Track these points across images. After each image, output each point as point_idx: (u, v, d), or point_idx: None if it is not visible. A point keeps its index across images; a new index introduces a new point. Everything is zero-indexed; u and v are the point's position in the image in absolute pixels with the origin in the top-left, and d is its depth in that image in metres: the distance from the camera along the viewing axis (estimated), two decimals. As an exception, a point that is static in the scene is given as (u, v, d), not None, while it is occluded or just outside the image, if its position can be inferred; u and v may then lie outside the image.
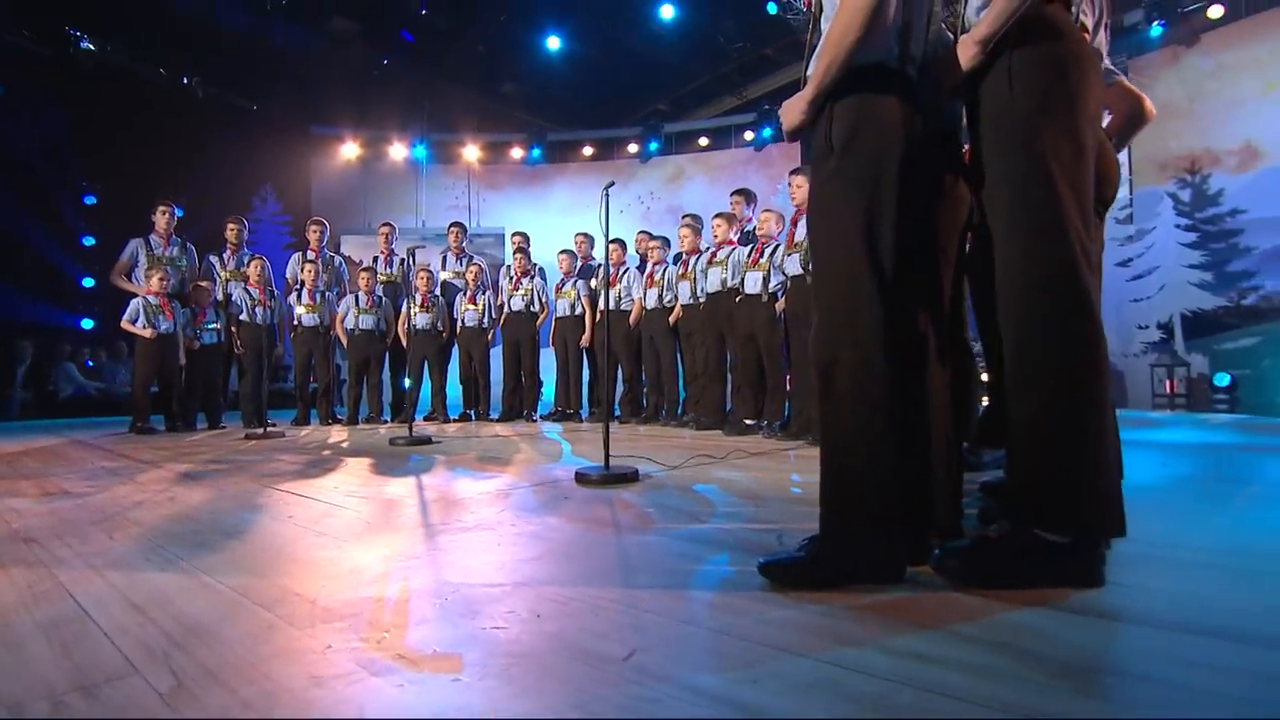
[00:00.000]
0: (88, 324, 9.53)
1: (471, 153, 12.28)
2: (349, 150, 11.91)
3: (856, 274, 1.56)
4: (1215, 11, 8.16)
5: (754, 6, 10.91)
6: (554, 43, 11.58)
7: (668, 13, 10.99)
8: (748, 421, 4.85)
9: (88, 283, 9.49)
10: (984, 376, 3.14)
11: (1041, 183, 1.52)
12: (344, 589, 1.49)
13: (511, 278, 6.66)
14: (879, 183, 1.58)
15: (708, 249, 5.48)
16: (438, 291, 6.69)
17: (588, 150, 12.42)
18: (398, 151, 12.13)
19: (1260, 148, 8.15)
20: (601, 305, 6.10)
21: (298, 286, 6.59)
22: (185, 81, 10.22)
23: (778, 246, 4.66)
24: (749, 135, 11.73)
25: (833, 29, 1.58)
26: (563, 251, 6.64)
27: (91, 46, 9.32)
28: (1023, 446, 1.54)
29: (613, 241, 6.37)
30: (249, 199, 11.05)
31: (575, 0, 10.96)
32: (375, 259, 6.91)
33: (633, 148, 12.23)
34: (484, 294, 6.59)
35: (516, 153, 12.41)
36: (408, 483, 2.99)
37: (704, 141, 12.11)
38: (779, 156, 11.46)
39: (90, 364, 9.13)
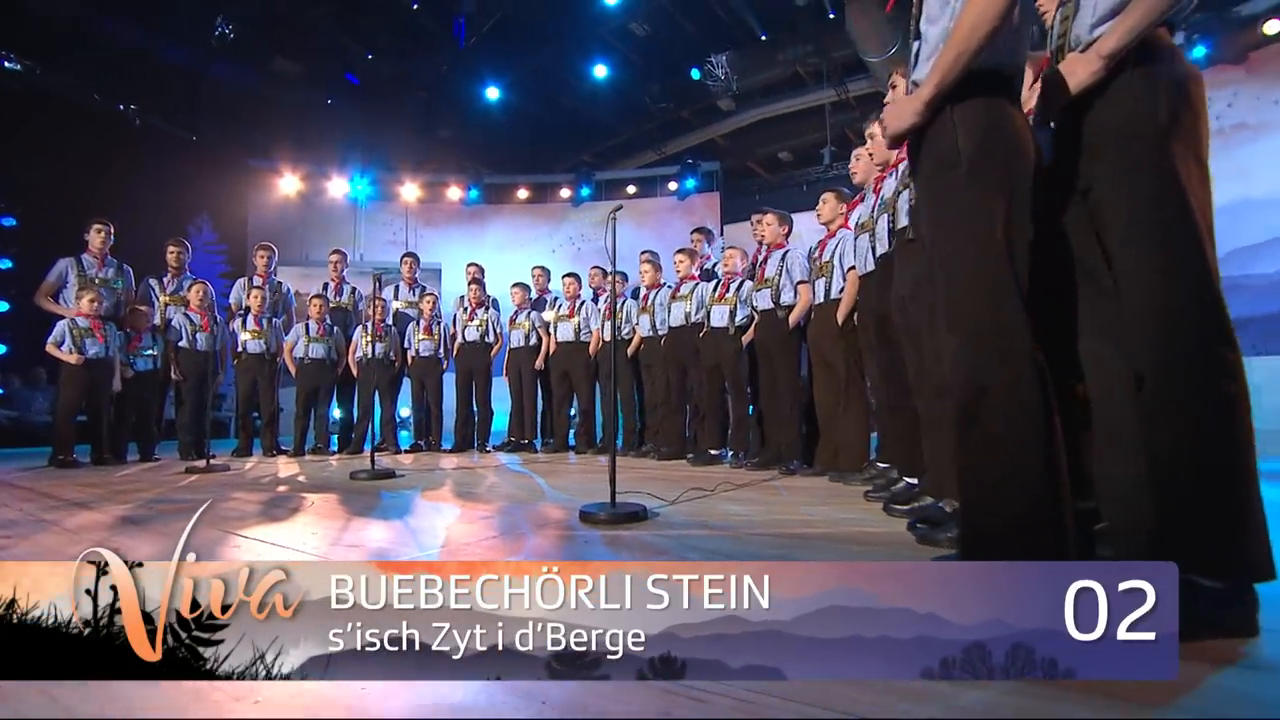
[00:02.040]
0: (0, 349, 8.17)
1: (410, 191, 11.56)
2: (287, 184, 10.92)
3: (1002, 287, 1.26)
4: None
5: (679, 71, 10.95)
6: (493, 93, 11.32)
7: (601, 72, 10.96)
8: (712, 451, 4.48)
9: (2, 307, 8.15)
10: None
11: (1175, 200, 1.27)
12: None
13: (466, 308, 6.09)
14: (1015, 194, 1.30)
15: (665, 284, 5.15)
16: (390, 321, 6.03)
17: (523, 193, 11.96)
18: (337, 187, 11.24)
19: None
20: (576, 335, 5.68)
21: (241, 312, 5.77)
22: (121, 108, 9.08)
23: (744, 281, 4.36)
24: (673, 185, 11.64)
25: (963, 20, 1.28)
26: (515, 284, 6.15)
27: (19, 68, 8.14)
28: (1169, 482, 1.25)
29: (568, 276, 5.96)
30: (183, 226, 9.84)
31: (515, 55, 10.70)
32: (325, 286, 6.18)
33: (565, 192, 11.86)
34: (438, 324, 6.00)
35: (454, 193, 11.77)
36: (393, 526, 2.44)
37: (632, 189, 11.89)
38: (700, 205, 11.38)
39: (0, 391, 7.80)
